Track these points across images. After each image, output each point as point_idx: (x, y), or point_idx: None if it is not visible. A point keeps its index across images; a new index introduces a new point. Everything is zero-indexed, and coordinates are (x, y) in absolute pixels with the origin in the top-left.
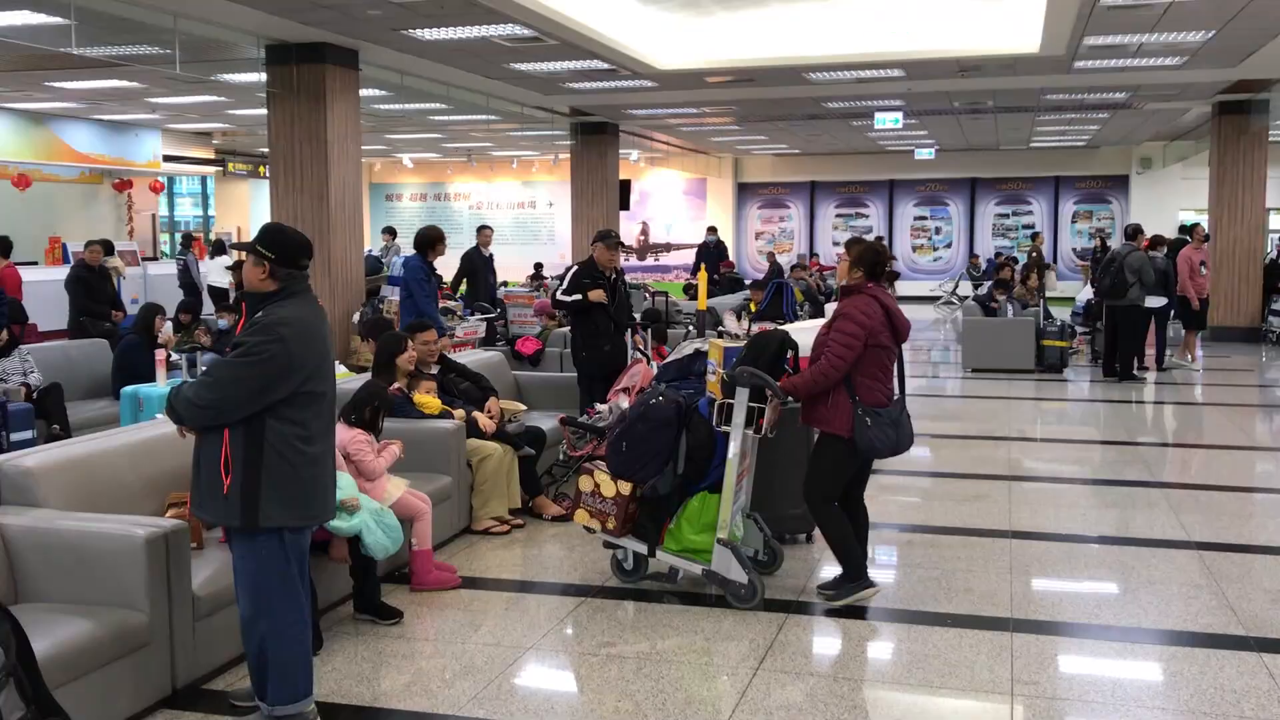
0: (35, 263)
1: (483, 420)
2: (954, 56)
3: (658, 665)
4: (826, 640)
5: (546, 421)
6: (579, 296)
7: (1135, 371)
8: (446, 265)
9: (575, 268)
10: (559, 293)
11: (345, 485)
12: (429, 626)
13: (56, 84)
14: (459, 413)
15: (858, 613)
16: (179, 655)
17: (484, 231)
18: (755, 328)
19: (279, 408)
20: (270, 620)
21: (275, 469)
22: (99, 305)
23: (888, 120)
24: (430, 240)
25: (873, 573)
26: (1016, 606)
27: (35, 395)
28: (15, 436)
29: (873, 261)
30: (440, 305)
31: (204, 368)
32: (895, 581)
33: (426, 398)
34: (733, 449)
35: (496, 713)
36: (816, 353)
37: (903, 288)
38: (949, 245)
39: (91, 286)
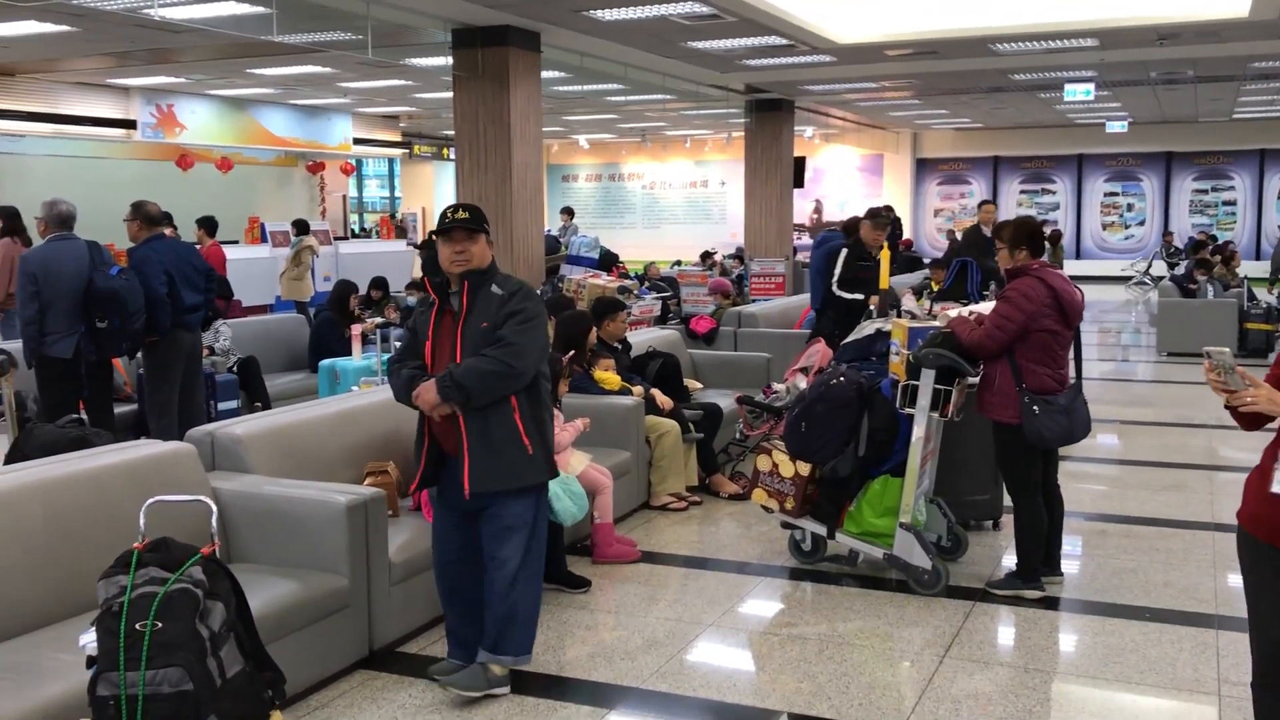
0: (236, 241)
1: (660, 397)
2: (1152, 24)
3: (839, 648)
4: (1015, 630)
5: (722, 400)
6: (859, 296)
7: None
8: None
9: (844, 250)
10: (834, 285)
11: None
12: (610, 599)
13: (257, 71)
14: (638, 389)
15: (1049, 603)
16: (376, 618)
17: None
18: (937, 308)
19: (541, 365)
20: (528, 577)
21: (547, 420)
22: None
23: (1078, 92)
24: None
25: (1064, 563)
26: (1221, 602)
27: (234, 367)
28: (222, 406)
29: (1031, 235)
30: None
31: (398, 343)
32: (1089, 572)
33: (607, 374)
34: (917, 431)
35: (679, 687)
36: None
37: (1091, 267)
38: (1141, 223)
39: None
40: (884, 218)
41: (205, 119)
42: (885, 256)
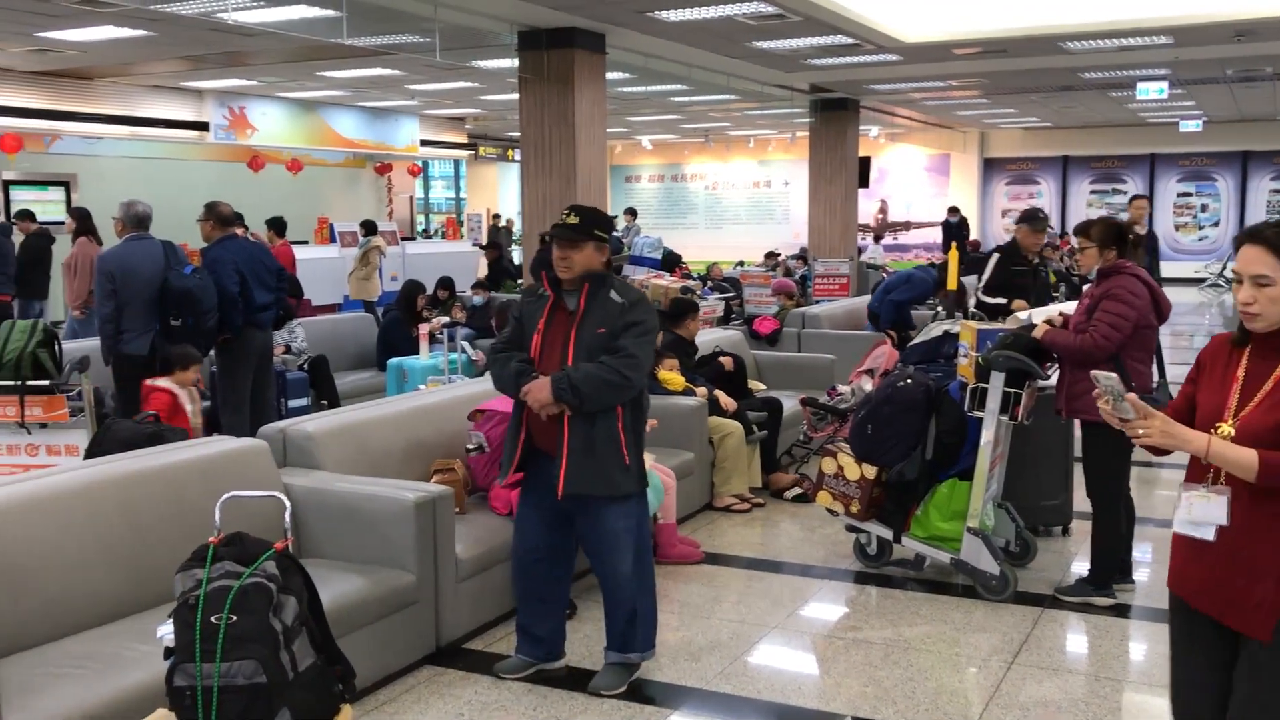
0: (305, 242)
1: (724, 398)
2: (1229, 20)
3: (905, 653)
4: (1086, 638)
5: (786, 402)
6: (1002, 301)
7: None
8: None
9: (995, 255)
10: (980, 291)
11: None
12: (673, 599)
13: (326, 73)
14: (701, 390)
15: (1121, 611)
16: (443, 614)
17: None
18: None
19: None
20: (643, 574)
21: (644, 435)
22: None
23: (1151, 90)
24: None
25: (1137, 571)
26: None
27: (304, 365)
28: (292, 403)
29: (1118, 235)
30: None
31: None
32: (1163, 580)
33: (670, 374)
34: (986, 435)
35: (743, 689)
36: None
37: (1164, 269)
38: (1216, 224)
39: None
40: (1042, 221)
41: (276, 121)
42: (954, 257)
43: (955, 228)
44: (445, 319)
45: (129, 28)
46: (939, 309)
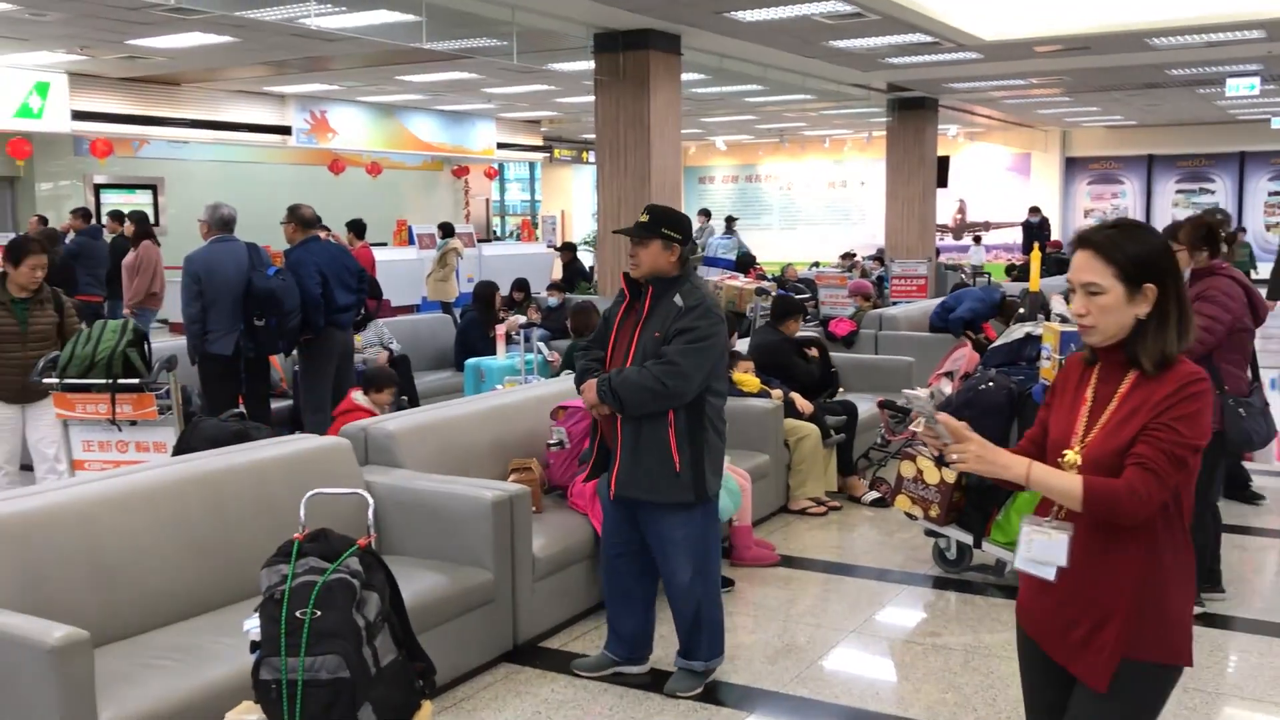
0: (384, 244)
1: (799, 400)
2: None
3: (986, 659)
4: None
5: (862, 404)
6: None
7: None
8: None
9: None
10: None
11: None
12: (749, 602)
13: (405, 77)
14: (776, 392)
15: (1210, 620)
16: (520, 613)
17: None
18: None
19: (712, 383)
20: (706, 584)
21: (712, 442)
22: None
23: (1242, 87)
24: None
25: (1230, 582)
26: None
27: (394, 363)
28: None
29: (1209, 235)
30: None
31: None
32: (1254, 590)
33: (745, 376)
34: None
35: (819, 693)
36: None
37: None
38: None
39: None
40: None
41: (356, 124)
42: (1035, 258)
43: (1036, 228)
44: (521, 319)
45: (215, 34)
46: (1021, 310)
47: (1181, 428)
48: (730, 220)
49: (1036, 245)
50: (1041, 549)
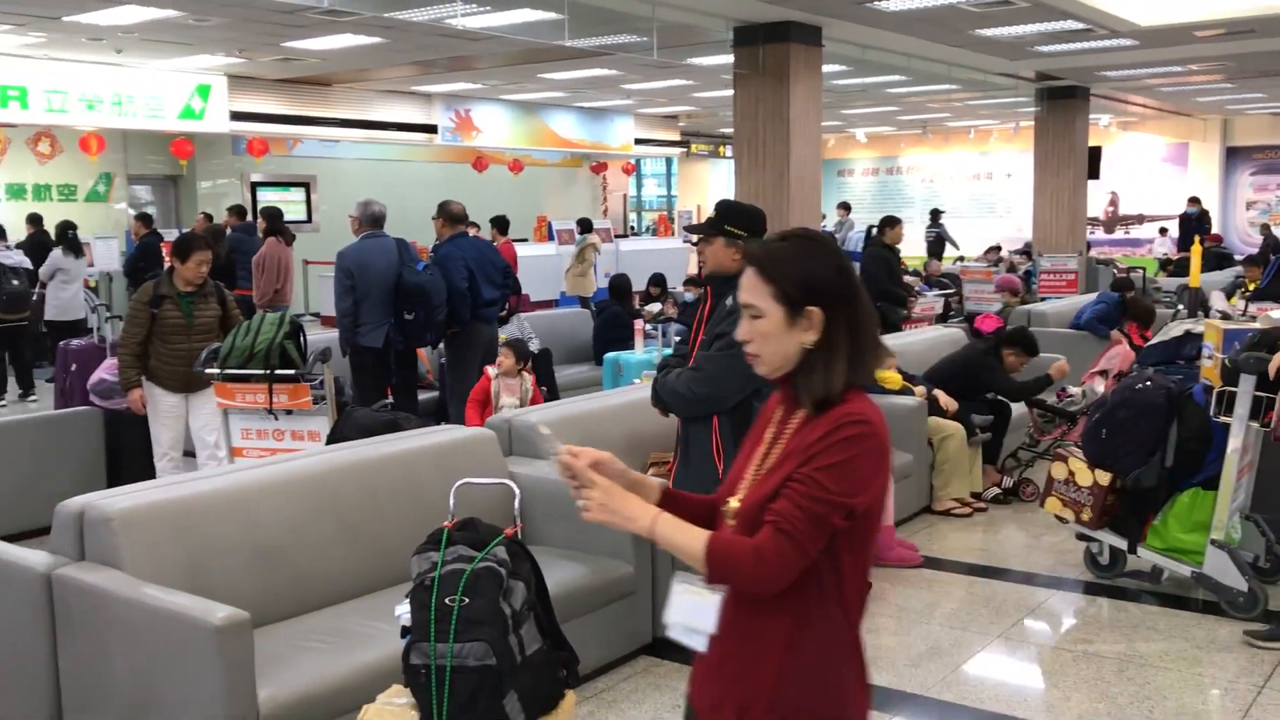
0: (525, 240)
1: (943, 398)
2: None
3: (1140, 669)
4: None
5: (1012, 404)
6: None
7: None
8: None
9: None
10: (1249, 295)
11: None
12: (891, 603)
13: (546, 75)
14: (920, 390)
15: None
16: (660, 606)
17: None
18: (1253, 308)
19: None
20: None
21: None
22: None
23: None
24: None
25: None
26: None
27: (536, 357)
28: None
29: None
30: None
31: (677, 338)
32: None
33: (887, 373)
34: (1233, 443)
35: (964, 697)
36: None
37: None
38: None
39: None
40: None
41: (499, 122)
42: (1196, 252)
43: (1195, 220)
44: (657, 307)
45: (365, 35)
46: (1180, 308)
47: (825, 479)
48: (935, 213)
49: (1197, 239)
50: (689, 612)
